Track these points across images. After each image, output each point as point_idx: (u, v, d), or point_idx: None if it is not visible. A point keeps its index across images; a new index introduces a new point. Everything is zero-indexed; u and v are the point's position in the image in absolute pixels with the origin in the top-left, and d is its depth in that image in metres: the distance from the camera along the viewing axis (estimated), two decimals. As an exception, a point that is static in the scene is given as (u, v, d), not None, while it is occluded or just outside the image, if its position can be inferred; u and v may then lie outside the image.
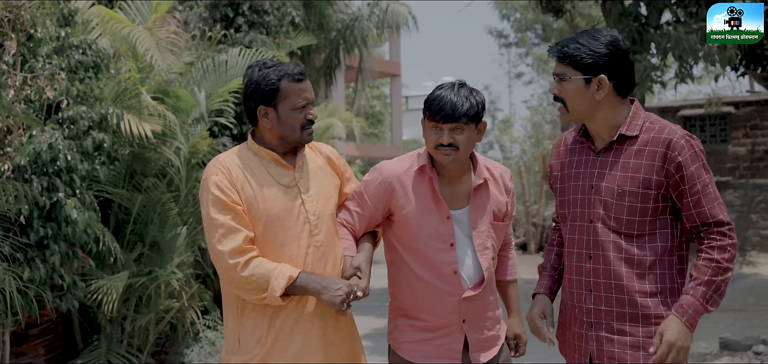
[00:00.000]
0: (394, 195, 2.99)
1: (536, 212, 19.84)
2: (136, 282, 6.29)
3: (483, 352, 3.04)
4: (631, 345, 2.72)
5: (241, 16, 9.56)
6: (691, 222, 2.70)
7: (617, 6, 9.80)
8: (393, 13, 16.98)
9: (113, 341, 6.43)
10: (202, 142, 6.94)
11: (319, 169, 3.02)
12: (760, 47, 10.93)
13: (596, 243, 2.76)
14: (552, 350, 3.11)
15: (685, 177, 2.66)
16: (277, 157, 2.90)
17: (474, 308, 3.00)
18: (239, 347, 2.86)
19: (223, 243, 2.76)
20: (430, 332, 3.01)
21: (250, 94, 2.89)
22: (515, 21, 30.18)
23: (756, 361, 6.87)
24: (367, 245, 3.04)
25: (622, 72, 2.72)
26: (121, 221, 6.65)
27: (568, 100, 2.77)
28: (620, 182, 2.71)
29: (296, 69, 2.90)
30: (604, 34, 2.74)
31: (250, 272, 2.74)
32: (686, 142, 2.67)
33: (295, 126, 2.88)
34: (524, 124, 30.94)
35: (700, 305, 2.63)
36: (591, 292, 2.79)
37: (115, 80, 6.23)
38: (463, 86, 2.95)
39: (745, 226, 15.13)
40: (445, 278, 2.95)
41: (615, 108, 2.75)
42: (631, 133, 2.73)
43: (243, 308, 2.85)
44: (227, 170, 2.84)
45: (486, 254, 3.00)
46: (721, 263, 2.65)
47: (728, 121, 15.28)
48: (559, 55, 2.76)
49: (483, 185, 3.03)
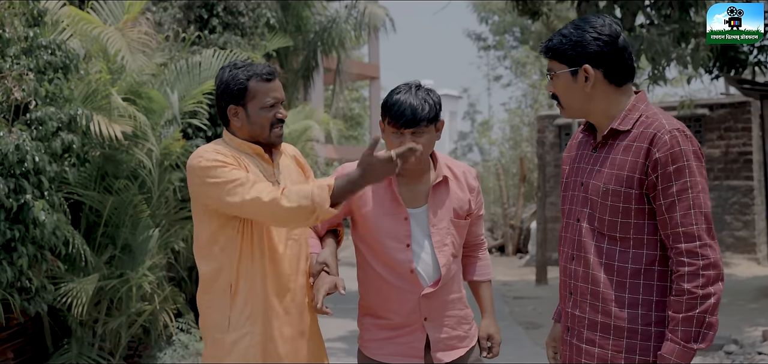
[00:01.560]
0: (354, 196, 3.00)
1: (514, 214, 19.90)
2: (108, 285, 6.25)
3: (445, 351, 3.05)
4: (598, 357, 2.53)
5: (215, 17, 9.52)
6: (663, 231, 2.45)
7: (592, 8, 9.87)
8: (370, 15, 16.99)
9: (84, 344, 6.38)
10: (175, 144, 6.90)
11: (290, 168, 3.09)
12: (734, 50, 11.04)
13: (580, 244, 2.58)
14: (529, 351, 3.10)
15: (660, 176, 2.42)
16: (260, 151, 2.96)
17: (435, 305, 3.02)
18: (229, 326, 2.87)
19: (253, 191, 2.74)
20: (393, 330, 3.04)
21: (221, 94, 2.96)
22: (493, 24, 30.32)
23: (727, 360, 6.93)
24: (330, 241, 3.10)
25: (611, 58, 2.50)
26: (92, 223, 6.60)
27: (560, 96, 2.60)
28: (607, 179, 2.51)
29: (265, 69, 2.96)
30: (591, 21, 2.54)
31: (290, 200, 2.72)
32: (671, 137, 2.42)
33: (264, 125, 2.93)
34: (503, 126, 30.99)
35: (682, 348, 2.36)
36: (571, 295, 2.63)
37: (85, 81, 6.17)
38: (420, 88, 2.99)
39: (719, 227, 15.25)
40: (404, 276, 2.98)
41: (611, 99, 2.54)
42: (623, 128, 2.51)
43: (235, 290, 2.87)
44: (222, 153, 2.87)
45: (444, 250, 3.01)
46: (694, 294, 2.36)
47: (703, 123, 15.40)
48: (544, 50, 2.62)
49: (442, 182, 3.06)
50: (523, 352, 7.88)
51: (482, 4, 28.80)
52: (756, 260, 14.86)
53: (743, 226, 15.12)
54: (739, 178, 15.14)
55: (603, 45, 2.50)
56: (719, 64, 11.26)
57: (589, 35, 2.51)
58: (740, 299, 11.35)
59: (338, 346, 8.00)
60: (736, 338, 7.76)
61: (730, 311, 10.35)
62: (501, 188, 20.56)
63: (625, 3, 9.87)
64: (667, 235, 2.43)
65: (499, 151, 29.17)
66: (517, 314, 10.63)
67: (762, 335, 7.36)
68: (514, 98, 32.28)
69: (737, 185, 15.15)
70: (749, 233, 15.07)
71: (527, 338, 8.74)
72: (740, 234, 15.13)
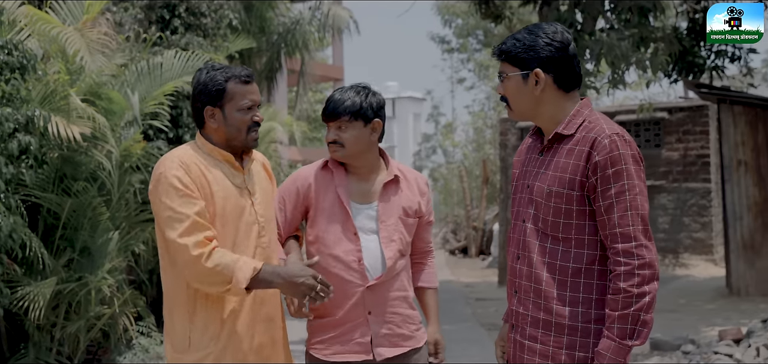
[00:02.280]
0: (309, 194, 3.12)
1: (477, 216, 20.02)
2: (66, 288, 6.17)
3: (387, 347, 3.09)
4: (539, 353, 2.60)
5: (177, 18, 9.43)
6: (602, 231, 2.53)
7: (553, 12, 9.98)
8: (334, 16, 16.95)
9: (42, 349, 6.29)
10: (135, 146, 6.84)
11: (260, 174, 3.11)
12: (692, 54, 11.23)
13: (524, 243, 2.65)
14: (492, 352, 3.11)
15: (600, 179, 2.49)
16: (230, 158, 2.96)
17: (379, 300, 3.07)
18: (190, 345, 2.86)
19: (186, 236, 2.75)
20: (338, 327, 3.07)
21: (198, 94, 2.94)
22: (457, 27, 30.44)
23: (684, 360, 7.03)
24: (294, 246, 3.15)
25: (561, 64, 2.59)
26: (50, 225, 6.51)
27: (510, 98, 2.66)
28: (550, 181, 2.59)
29: (244, 71, 2.98)
30: (544, 27, 2.63)
31: (215, 263, 2.74)
32: (610, 141, 2.49)
33: (241, 127, 2.93)
34: (466, 128, 31.14)
35: (618, 345, 2.44)
36: (516, 293, 2.70)
37: (43, 82, 6.09)
38: (358, 87, 3.11)
39: (678, 229, 15.50)
40: (350, 267, 3.04)
41: (558, 104, 2.63)
42: (567, 132, 2.59)
43: (195, 307, 2.86)
44: (186, 165, 2.85)
45: (392, 245, 3.09)
46: (630, 292, 2.43)
47: (662, 126, 15.64)
48: (497, 52, 2.69)
49: (393, 181, 3.16)
50: (486, 353, 7.93)
51: (446, 7, 28.91)
52: (713, 261, 15.12)
53: (701, 227, 15.38)
54: (697, 181, 15.40)
55: (554, 51, 2.59)
56: (678, 69, 11.45)
57: (541, 41, 2.59)
58: (697, 299, 11.55)
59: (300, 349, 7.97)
60: (693, 338, 7.88)
61: (687, 311, 10.52)
62: (464, 190, 20.67)
63: (586, 7, 9.99)
64: (605, 235, 2.52)
65: (462, 154, 29.31)
66: (479, 315, 10.69)
67: (718, 334, 7.48)
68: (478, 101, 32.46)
69: (695, 187, 15.41)
70: (707, 234, 15.33)
71: (489, 340, 8.80)
72: (698, 236, 15.39)
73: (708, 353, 6.92)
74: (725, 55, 11.37)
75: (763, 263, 11.48)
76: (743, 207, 11.60)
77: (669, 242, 15.55)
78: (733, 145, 11.62)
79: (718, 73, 11.46)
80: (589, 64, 9.78)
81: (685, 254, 15.37)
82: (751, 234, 11.56)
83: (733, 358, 6.61)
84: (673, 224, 15.56)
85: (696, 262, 15.21)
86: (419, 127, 52.25)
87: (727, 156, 11.67)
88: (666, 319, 9.86)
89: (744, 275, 11.51)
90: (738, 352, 6.69)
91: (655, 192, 15.60)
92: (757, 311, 9.82)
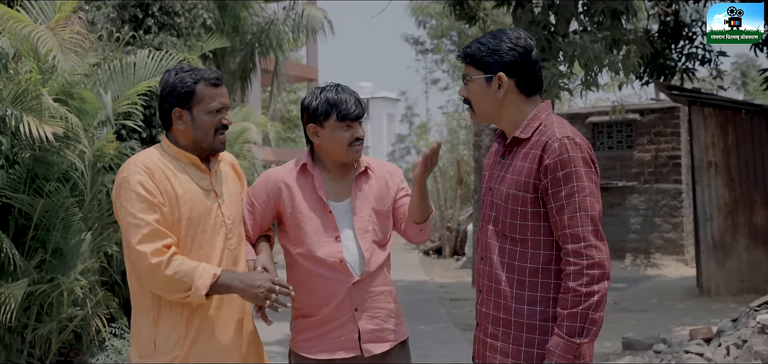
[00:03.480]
0: (281, 197, 3.12)
1: (451, 217, 20.07)
2: (37, 290, 6.10)
3: (375, 343, 3.12)
4: (500, 351, 2.67)
5: (150, 17, 9.36)
6: (555, 232, 2.59)
7: (527, 14, 10.03)
8: (309, 17, 16.92)
9: (13, 350, 6.22)
10: (108, 146, 6.78)
11: (228, 176, 3.10)
12: (663, 57, 11.36)
13: (486, 244, 2.74)
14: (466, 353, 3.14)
15: (550, 181, 2.56)
16: (195, 160, 2.95)
17: (364, 295, 3.10)
18: (155, 350, 2.85)
19: (145, 244, 2.75)
20: (325, 325, 3.09)
21: (166, 96, 2.93)
22: (431, 28, 30.50)
23: (656, 360, 7.10)
24: (264, 247, 3.15)
25: (524, 69, 2.66)
26: (22, 226, 6.43)
27: (473, 101, 2.73)
28: (508, 184, 2.66)
29: (212, 74, 2.97)
30: (508, 33, 2.69)
31: (174, 271, 2.74)
32: (560, 144, 2.55)
33: (208, 130, 2.93)
34: (440, 129, 31.26)
35: (566, 342, 2.49)
36: (480, 293, 2.78)
37: (14, 81, 6.01)
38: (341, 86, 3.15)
39: (649, 229, 15.66)
40: (333, 267, 3.06)
41: (519, 108, 2.69)
42: (524, 136, 2.66)
43: (159, 311, 2.85)
44: (150, 170, 2.84)
45: (366, 237, 3.11)
46: (578, 291, 2.49)
47: (634, 127, 15.79)
48: (462, 56, 2.75)
49: (363, 173, 3.19)
50: (460, 353, 7.96)
51: (420, 7, 28.96)
52: (684, 261, 15.30)
53: (672, 228, 15.55)
54: (668, 182, 15.57)
55: (518, 56, 2.66)
56: (649, 71, 11.57)
57: (505, 45, 2.66)
58: (669, 299, 11.68)
59: (275, 349, 7.96)
60: (665, 337, 7.97)
61: (658, 310, 10.64)
62: (438, 191, 20.71)
63: (560, 9, 10.07)
64: (558, 236, 2.59)
65: (436, 154, 29.33)
66: (453, 315, 10.73)
67: (689, 334, 7.57)
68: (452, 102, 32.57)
69: (666, 188, 15.58)
70: (678, 234, 15.51)
71: (464, 340, 8.84)
72: (669, 236, 15.55)
73: (679, 352, 7.00)
74: (696, 58, 11.52)
75: (733, 263, 11.64)
76: (713, 208, 11.75)
77: (641, 242, 15.71)
78: (704, 146, 11.76)
79: (688, 76, 11.60)
80: (563, 66, 9.85)
81: (657, 254, 15.54)
82: (721, 234, 11.72)
83: (703, 357, 6.69)
84: (644, 224, 15.71)
85: (667, 262, 15.37)
86: (393, 127, 52.33)
87: (698, 157, 11.81)
88: (638, 319, 9.97)
89: (714, 274, 11.66)
90: (709, 351, 6.77)
91: (626, 193, 15.75)
92: (727, 311, 9.95)
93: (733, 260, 11.64)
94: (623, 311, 10.60)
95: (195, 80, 2.91)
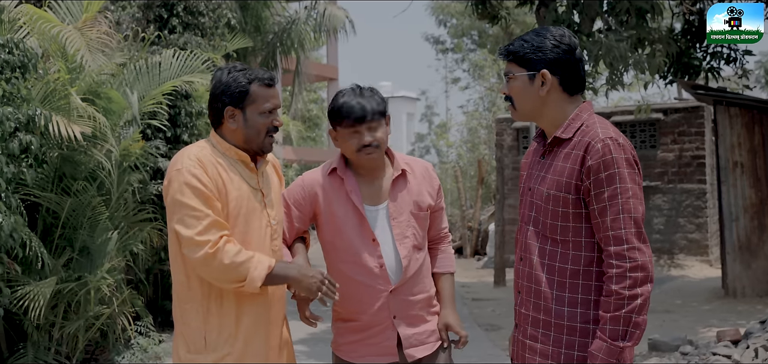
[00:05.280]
0: (316, 201, 3.10)
1: (472, 216, 20.01)
2: (65, 288, 6.14)
3: (417, 347, 3.10)
4: (539, 353, 2.65)
5: (175, 17, 9.40)
6: (597, 234, 2.57)
7: (551, 13, 9.96)
8: (330, 16, 16.92)
9: (40, 348, 6.27)
10: (134, 145, 6.82)
11: (273, 178, 3.11)
12: (687, 56, 11.25)
13: (526, 245, 2.71)
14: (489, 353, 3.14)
15: (593, 182, 2.53)
16: (246, 158, 2.94)
17: (402, 302, 3.07)
18: (206, 346, 2.85)
19: (205, 234, 2.75)
20: (363, 331, 3.09)
21: (219, 94, 2.92)
22: (452, 27, 30.46)
23: (683, 361, 7.04)
24: (300, 250, 3.14)
25: (567, 67, 2.64)
26: (49, 225, 6.49)
27: (515, 98, 2.70)
28: (549, 185, 2.63)
29: (266, 74, 2.95)
30: (552, 30, 2.68)
31: (231, 259, 2.75)
32: (603, 145, 2.52)
33: (260, 130, 2.92)
34: (460, 129, 31.08)
35: (609, 346, 2.47)
36: (520, 294, 2.75)
37: (43, 81, 6.07)
38: (362, 87, 3.10)
39: (673, 230, 15.53)
40: (372, 273, 3.04)
41: (562, 106, 2.67)
42: (565, 136, 2.64)
43: (209, 306, 2.85)
44: (203, 164, 2.84)
45: (405, 242, 3.08)
46: (621, 294, 2.46)
47: (657, 127, 15.66)
48: (504, 53, 2.73)
49: (400, 176, 3.14)
50: (484, 353, 7.93)
51: (441, 7, 28.93)
52: (708, 262, 15.15)
53: (696, 228, 15.41)
54: (693, 182, 15.43)
55: (562, 53, 2.64)
56: (674, 70, 11.46)
57: (549, 42, 2.64)
58: (694, 300, 11.57)
59: (299, 349, 7.97)
60: (691, 338, 7.91)
61: (683, 311, 10.55)
62: (459, 190, 20.65)
63: (584, 9, 9.99)
64: (600, 238, 2.55)
65: (456, 154, 29.28)
66: (476, 315, 10.70)
67: (716, 335, 7.50)
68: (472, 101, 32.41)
69: (690, 188, 15.44)
70: (702, 235, 15.36)
71: (487, 340, 8.80)
72: (693, 237, 15.42)
73: (706, 354, 6.93)
74: (721, 57, 11.39)
75: (759, 264, 11.51)
76: (739, 208, 11.63)
77: (664, 242, 15.58)
78: (730, 146, 11.65)
79: (713, 75, 11.49)
80: (587, 65, 9.78)
81: (680, 254, 15.40)
82: (747, 235, 11.60)
83: (731, 359, 6.62)
84: (668, 224, 15.59)
85: (691, 263, 15.24)
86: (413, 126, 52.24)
87: (724, 157, 11.70)
88: (663, 320, 9.89)
89: (740, 276, 11.54)
90: (736, 353, 6.70)
91: (650, 193, 15.63)
92: (753, 313, 9.85)
93: (759, 261, 11.52)
94: (648, 312, 10.48)
95: (249, 80, 2.90)
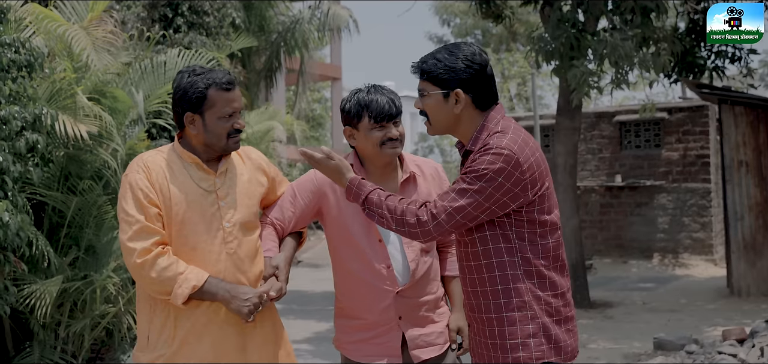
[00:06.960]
0: (325, 199, 3.10)
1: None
2: (71, 287, 6.15)
3: (423, 348, 3.09)
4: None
5: (180, 16, 9.42)
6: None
7: (555, 12, 9.95)
8: (334, 16, 16.96)
9: (46, 347, 6.27)
10: (139, 144, 6.82)
11: (242, 177, 3.03)
12: (692, 55, 11.23)
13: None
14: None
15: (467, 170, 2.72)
16: (198, 161, 2.92)
17: (409, 304, 3.07)
18: (148, 344, 2.88)
19: (134, 241, 2.78)
20: (368, 330, 3.08)
21: (178, 100, 2.91)
22: (455, 26, 30.46)
23: (688, 360, 7.04)
24: (289, 245, 3.09)
25: (479, 85, 2.72)
26: (56, 224, 6.49)
27: (430, 114, 2.78)
28: None
29: (224, 77, 2.91)
30: (462, 48, 2.74)
31: (157, 273, 2.77)
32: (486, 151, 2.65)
33: (221, 134, 2.90)
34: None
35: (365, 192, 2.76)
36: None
37: (49, 80, 6.07)
38: (379, 86, 3.12)
39: (677, 229, 15.52)
40: (379, 274, 3.04)
41: (474, 121, 2.74)
42: (472, 148, 2.73)
43: (154, 306, 2.87)
44: (148, 169, 2.86)
45: (413, 245, 3.08)
46: (404, 220, 2.68)
47: (662, 126, 15.65)
48: (418, 71, 2.79)
49: (410, 178, 3.15)
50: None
51: (444, 7, 28.92)
52: (713, 261, 15.14)
53: (701, 227, 15.39)
54: (697, 181, 15.41)
55: (474, 73, 2.71)
56: (678, 69, 11.45)
57: (461, 63, 2.71)
58: (698, 299, 11.56)
59: (304, 347, 7.98)
60: (697, 338, 7.90)
61: (688, 311, 10.54)
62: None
63: (589, 7, 9.98)
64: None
65: (460, 153, 29.26)
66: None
67: (722, 334, 7.50)
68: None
69: (695, 188, 15.42)
70: (706, 234, 15.35)
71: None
72: (698, 236, 15.40)
73: (712, 353, 6.93)
74: (725, 56, 11.38)
75: (764, 263, 11.50)
76: (744, 207, 11.62)
77: (669, 242, 15.57)
78: (735, 145, 11.64)
79: (718, 74, 11.47)
80: (592, 64, 9.77)
81: (685, 254, 15.39)
82: (752, 234, 11.59)
83: (737, 358, 6.62)
84: (672, 224, 15.57)
85: (696, 262, 15.23)
86: (416, 126, 52.25)
87: (728, 156, 11.69)
88: (668, 319, 9.88)
89: (745, 275, 11.53)
90: (742, 352, 6.70)
91: (654, 192, 15.62)
92: (758, 312, 9.85)
93: (764, 260, 11.51)
94: (652, 312, 10.51)
95: (207, 85, 2.86)
